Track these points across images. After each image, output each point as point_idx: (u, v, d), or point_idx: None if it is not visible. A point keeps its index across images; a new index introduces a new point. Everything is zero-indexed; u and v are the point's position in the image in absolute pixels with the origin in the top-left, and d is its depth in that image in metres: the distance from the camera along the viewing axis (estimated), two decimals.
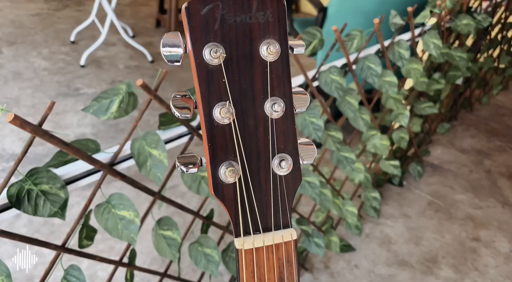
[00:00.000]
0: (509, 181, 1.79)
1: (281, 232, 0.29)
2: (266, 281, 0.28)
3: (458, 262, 1.41)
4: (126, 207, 0.65)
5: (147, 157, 0.66)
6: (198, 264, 0.85)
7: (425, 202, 1.68)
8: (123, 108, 0.63)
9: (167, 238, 0.75)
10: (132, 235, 0.65)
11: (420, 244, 1.49)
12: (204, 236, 0.86)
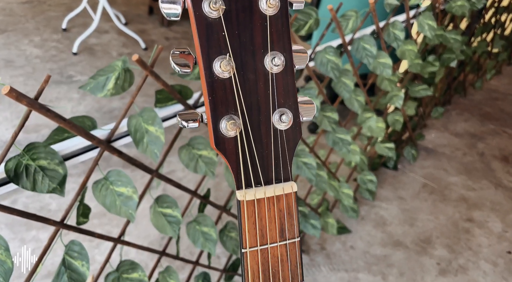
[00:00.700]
0: (502, 163, 1.81)
1: (282, 185, 0.30)
2: (268, 232, 0.29)
3: (452, 242, 1.43)
4: (124, 183, 0.65)
5: (144, 134, 0.66)
6: (196, 243, 0.85)
7: (420, 184, 1.70)
8: (119, 85, 0.63)
9: (168, 216, 0.75)
10: (130, 211, 0.65)
11: (415, 225, 1.51)
12: (201, 214, 0.86)
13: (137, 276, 0.74)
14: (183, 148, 0.77)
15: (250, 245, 0.29)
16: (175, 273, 0.84)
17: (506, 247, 1.40)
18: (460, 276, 1.31)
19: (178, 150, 0.78)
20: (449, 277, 1.31)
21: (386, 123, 1.49)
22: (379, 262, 1.37)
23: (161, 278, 0.85)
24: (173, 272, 0.85)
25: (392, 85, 1.27)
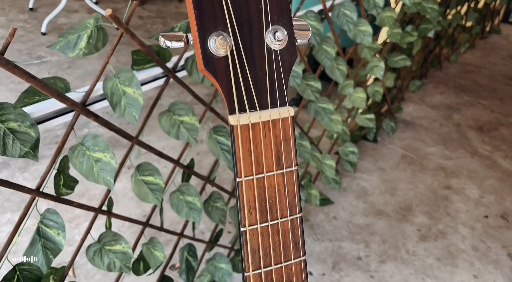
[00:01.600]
0: (477, 132, 1.85)
1: (278, 109, 0.28)
2: (263, 160, 0.27)
3: (431, 209, 1.46)
4: (101, 148, 0.62)
5: (121, 96, 0.62)
6: (180, 213, 0.84)
7: (399, 155, 1.72)
8: (92, 44, 0.59)
9: (149, 183, 0.73)
10: (108, 178, 0.63)
11: (395, 194, 1.53)
12: (185, 184, 0.84)
13: (120, 248, 0.72)
14: (164, 114, 0.75)
15: (245, 173, 0.27)
16: (159, 244, 0.83)
17: (483, 212, 1.44)
18: (440, 240, 1.35)
19: (158, 116, 0.75)
20: (429, 242, 1.34)
21: (366, 95, 1.49)
22: (362, 231, 1.39)
23: (145, 250, 0.84)
24: (158, 243, 0.83)
25: (372, 53, 1.26)
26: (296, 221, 0.29)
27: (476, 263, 1.27)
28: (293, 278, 0.30)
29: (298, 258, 0.30)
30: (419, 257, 1.30)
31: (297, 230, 0.29)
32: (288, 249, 0.29)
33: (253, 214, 0.28)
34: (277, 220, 0.28)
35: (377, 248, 1.33)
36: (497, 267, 1.25)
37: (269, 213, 0.28)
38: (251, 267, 0.28)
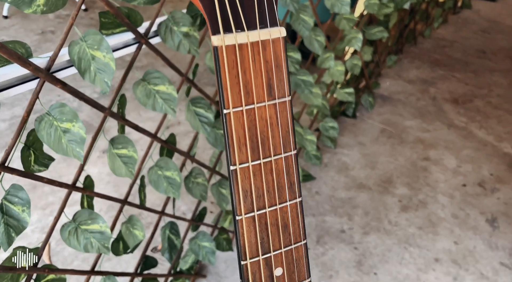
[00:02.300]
0: (453, 105, 1.88)
1: (268, 30, 0.25)
2: (253, 88, 0.24)
3: (411, 180, 1.48)
4: (69, 117, 0.58)
5: (90, 61, 0.58)
6: (159, 189, 0.80)
7: (378, 130, 1.73)
8: (52, 1, 0.54)
9: (123, 157, 0.69)
10: (78, 150, 0.59)
11: (376, 168, 1.54)
12: (163, 158, 0.81)
13: (97, 227, 0.68)
14: (138, 84, 0.70)
15: (233, 104, 0.24)
16: (139, 222, 0.79)
17: (461, 181, 1.47)
18: (421, 210, 1.36)
19: (133, 86, 0.70)
20: (411, 212, 1.36)
21: (345, 69, 1.48)
22: (344, 205, 1.39)
23: (124, 229, 0.80)
24: (137, 221, 0.79)
25: (350, 25, 1.24)
26: (290, 159, 0.27)
27: (456, 230, 1.29)
28: (289, 221, 0.28)
29: (293, 199, 0.28)
30: (401, 227, 1.31)
31: (292, 169, 0.27)
32: (283, 190, 0.27)
33: (244, 151, 0.25)
34: (270, 158, 0.26)
35: (360, 221, 1.34)
36: (476, 232, 1.28)
37: (261, 149, 0.25)
38: (243, 210, 0.26)
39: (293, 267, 0.28)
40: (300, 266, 0.28)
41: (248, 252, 0.26)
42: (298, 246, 0.28)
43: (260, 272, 0.26)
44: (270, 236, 0.27)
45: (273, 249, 0.27)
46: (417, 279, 1.16)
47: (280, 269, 0.27)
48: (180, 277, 1.04)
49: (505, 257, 1.20)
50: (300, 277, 0.29)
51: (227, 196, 1.04)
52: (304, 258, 0.28)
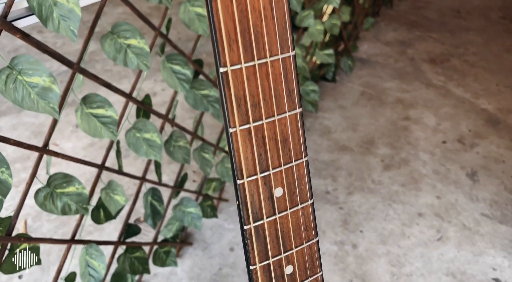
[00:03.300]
0: (430, 65, 1.88)
1: None
2: None
3: (392, 140, 1.48)
4: (38, 71, 0.53)
5: (52, 7, 0.53)
6: (139, 152, 0.76)
7: (358, 93, 1.72)
8: None
9: (100, 117, 0.64)
10: (52, 105, 0.54)
11: (357, 130, 1.53)
12: (141, 120, 0.77)
13: (74, 189, 0.64)
14: (106, 37, 0.65)
15: None
16: (119, 187, 0.76)
17: (440, 138, 1.48)
18: (403, 168, 1.37)
19: (100, 40, 0.65)
20: (393, 171, 1.37)
21: (324, 29, 1.44)
22: (328, 167, 1.38)
23: (103, 195, 0.76)
24: (117, 186, 0.76)
25: None
26: (288, 62, 0.24)
27: (438, 185, 1.31)
28: (288, 135, 0.25)
29: (293, 110, 0.25)
30: (384, 186, 1.32)
31: (290, 74, 0.24)
32: (281, 98, 0.24)
33: (235, 49, 0.22)
34: (265, 59, 0.23)
35: (343, 181, 1.34)
36: (457, 186, 1.30)
37: (255, 48, 0.22)
38: (237, 121, 0.23)
39: (294, 187, 0.25)
40: (301, 186, 0.26)
41: (245, 170, 0.24)
42: (299, 164, 0.25)
43: (258, 192, 0.24)
44: (269, 151, 0.24)
45: (272, 166, 0.24)
46: (401, 233, 1.18)
47: (280, 189, 0.24)
48: (166, 245, 1.02)
49: (486, 208, 1.23)
50: (302, 198, 0.26)
51: (210, 160, 1.01)
52: (306, 178, 0.26)
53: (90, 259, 0.74)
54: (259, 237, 0.24)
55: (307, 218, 0.27)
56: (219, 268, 1.10)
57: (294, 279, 0.27)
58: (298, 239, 0.26)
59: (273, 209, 0.25)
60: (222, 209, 1.27)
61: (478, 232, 1.16)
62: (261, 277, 0.25)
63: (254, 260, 0.25)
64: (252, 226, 0.24)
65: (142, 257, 0.89)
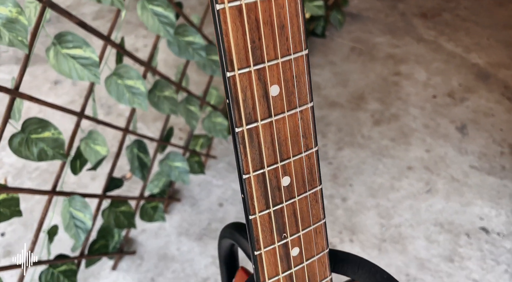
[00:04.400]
0: (421, 19, 1.83)
1: None
2: None
3: (383, 96, 1.46)
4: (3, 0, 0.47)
5: None
6: (121, 99, 0.72)
7: (348, 48, 1.67)
8: None
9: (78, 58, 0.59)
10: (20, 39, 0.49)
11: (347, 85, 1.50)
12: (123, 66, 0.71)
13: (49, 134, 0.60)
14: None
15: None
16: (100, 136, 0.72)
17: (431, 93, 1.46)
18: (393, 123, 1.36)
19: None
20: (383, 126, 1.35)
21: None
22: (318, 123, 1.36)
23: (83, 146, 0.72)
24: (98, 136, 0.72)
25: None
26: None
27: (428, 139, 1.30)
28: (286, 20, 0.21)
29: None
30: (374, 140, 1.31)
31: None
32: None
33: None
34: None
35: (333, 137, 1.32)
36: (447, 140, 1.29)
37: None
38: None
39: (292, 86, 0.22)
40: (301, 86, 0.22)
41: (235, 60, 0.20)
42: (298, 58, 0.22)
43: (252, 89, 0.21)
44: (263, 39, 0.21)
45: (267, 58, 0.21)
46: (391, 187, 1.18)
47: (276, 87, 0.21)
48: (153, 201, 0.99)
49: (475, 160, 1.23)
50: (301, 100, 0.23)
51: (196, 113, 0.97)
52: (305, 76, 0.23)
53: (74, 210, 0.71)
54: (253, 142, 0.22)
55: (306, 123, 0.24)
56: (208, 223, 1.08)
57: (292, 191, 0.24)
58: (296, 148, 0.23)
59: (269, 110, 0.21)
60: (210, 166, 1.24)
61: (466, 183, 1.17)
62: (255, 187, 0.23)
63: (248, 168, 0.22)
64: (245, 128, 0.21)
65: (128, 212, 0.87)
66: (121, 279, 0.95)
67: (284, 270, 0.26)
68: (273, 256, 0.25)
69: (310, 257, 0.27)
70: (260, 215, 0.24)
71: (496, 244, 1.03)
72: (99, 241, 0.89)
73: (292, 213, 0.25)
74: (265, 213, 0.24)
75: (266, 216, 0.24)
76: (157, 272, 0.97)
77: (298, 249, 0.26)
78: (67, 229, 0.72)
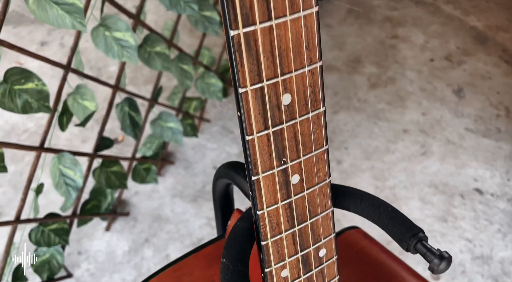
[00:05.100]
0: None
1: None
2: None
3: (379, 59, 1.43)
4: None
5: None
6: (109, 53, 0.69)
7: (345, 11, 1.62)
8: None
9: (62, 4, 0.55)
10: None
11: (344, 49, 1.47)
12: (110, 16, 0.68)
13: (33, 86, 0.57)
14: None
15: None
16: (88, 90, 0.69)
17: (428, 56, 1.44)
18: (390, 86, 1.34)
19: None
20: (380, 89, 1.33)
21: None
22: None
23: (70, 101, 0.70)
24: (86, 90, 0.69)
25: None
26: None
27: (424, 102, 1.29)
28: None
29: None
30: (370, 104, 1.29)
31: None
32: None
33: None
34: None
35: (329, 101, 1.30)
36: (443, 103, 1.28)
37: None
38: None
39: None
40: None
41: None
42: None
43: None
44: None
45: None
46: (386, 149, 1.17)
47: None
48: (146, 162, 0.98)
49: (470, 123, 1.22)
50: (305, 4, 0.21)
51: (190, 71, 0.94)
52: None
53: (64, 168, 0.69)
54: (250, 50, 0.19)
55: (311, 33, 0.21)
56: (202, 185, 1.07)
57: (293, 111, 0.22)
58: (299, 60, 0.21)
59: (268, 11, 0.19)
60: (204, 130, 1.22)
61: (461, 146, 1.16)
62: (253, 104, 0.21)
63: (244, 81, 0.20)
64: (242, 31, 0.19)
65: (120, 172, 0.85)
66: (115, 240, 0.94)
67: (284, 199, 0.25)
68: (272, 182, 0.24)
69: (311, 186, 0.25)
70: (258, 135, 0.22)
71: (490, 204, 1.03)
72: (91, 201, 0.88)
73: (293, 136, 0.23)
74: (263, 133, 0.22)
75: (265, 137, 0.22)
76: (152, 233, 0.96)
77: (298, 177, 0.24)
78: (57, 187, 0.70)
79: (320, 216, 0.27)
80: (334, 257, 0.29)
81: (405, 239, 0.28)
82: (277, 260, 0.26)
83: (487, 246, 0.96)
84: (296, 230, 0.26)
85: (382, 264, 0.39)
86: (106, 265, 0.90)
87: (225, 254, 0.25)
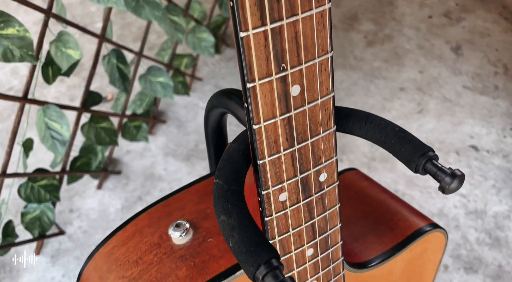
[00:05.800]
0: None
1: None
2: None
3: (377, 16, 1.38)
4: None
5: None
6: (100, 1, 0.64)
7: None
8: None
9: None
10: None
11: (340, 5, 1.42)
12: None
13: (14, 31, 0.53)
14: None
15: None
16: (71, 37, 0.65)
17: (427, 13, 1.39)
18: (386, 44, 1.30)
19: None
20: (376, 47, 1.29)
21: None
22: None
23: (53, 50, 0.66)
24: (69, 37, 0.65)
25: None
26: None
27: (421, 59, 1.26)
28: None
29: None
30: (366, 62, 1.26)
31: None
32: None
33: None
34: None
35: None
36: (441, 60, 1.25)
37: None
38: None
39: None
40: None
41: None
42: None
43: None
44: None
45: None
46: (382, 108, 1.15)
47: None
48: (136, 120, 0.95)
49: (468, 81, 1.20)
50: None
51: (181, 23, 0.89)
52: None
53: (50, 121, 0.66)
54: None
55: None
56: (195, 144, 1.05)
57: (294, 6, 0.20)
58: None
59: None
60: (196, 89, 1.19)
61: (458, 103, 1.15)
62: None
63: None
64: None
65: (109, 128, 0.82)
66: (107, 198, 0.92)
67: (282, 113, 0.22)
68: (270, 92, 0.21)
69: (312, 99, 0.23)
70: (254, 32, 0.19)
71: (485, 160, 1.03)
72: (81, 158, 0.85)
73: (294, 36, 0.20)
74: (259, 30, 0.19)
75: (262, 35, 0.20)
76: (144, 191, 0.95)
77: (299, 88, 0.22)
78: (43, 140, 0.68)
79: (322, 136, 0.25)
80: (335, 183, 0.28)
81: (414, 159, 0.26)
82: (275, 182, 0.24)
83: (481, 201, 0.96)
84: (296, 150, 0.24)
85: (382, 203, 0.38)
86: (99, 222, 0.89)
87: (219, 175, 0.23)
